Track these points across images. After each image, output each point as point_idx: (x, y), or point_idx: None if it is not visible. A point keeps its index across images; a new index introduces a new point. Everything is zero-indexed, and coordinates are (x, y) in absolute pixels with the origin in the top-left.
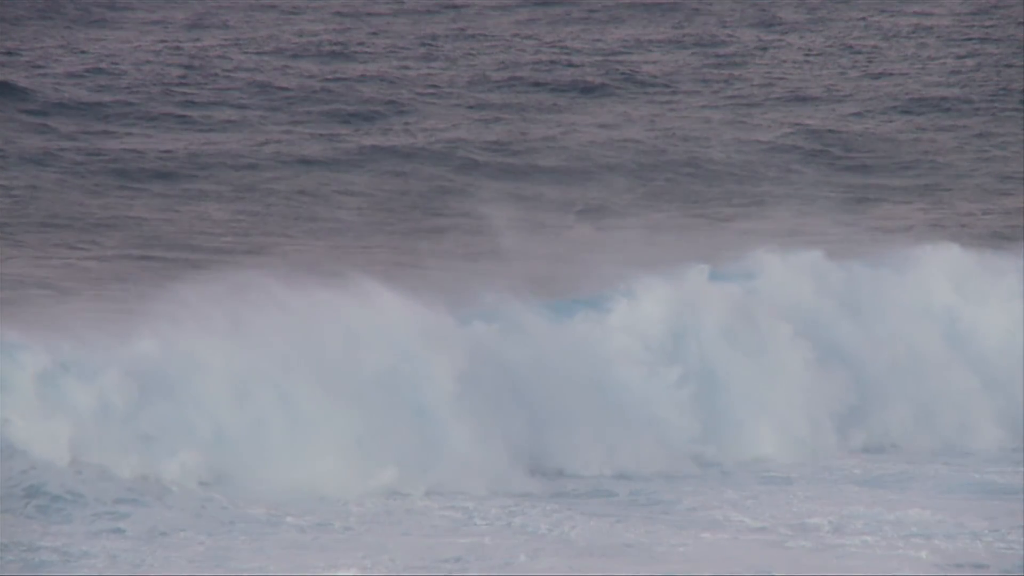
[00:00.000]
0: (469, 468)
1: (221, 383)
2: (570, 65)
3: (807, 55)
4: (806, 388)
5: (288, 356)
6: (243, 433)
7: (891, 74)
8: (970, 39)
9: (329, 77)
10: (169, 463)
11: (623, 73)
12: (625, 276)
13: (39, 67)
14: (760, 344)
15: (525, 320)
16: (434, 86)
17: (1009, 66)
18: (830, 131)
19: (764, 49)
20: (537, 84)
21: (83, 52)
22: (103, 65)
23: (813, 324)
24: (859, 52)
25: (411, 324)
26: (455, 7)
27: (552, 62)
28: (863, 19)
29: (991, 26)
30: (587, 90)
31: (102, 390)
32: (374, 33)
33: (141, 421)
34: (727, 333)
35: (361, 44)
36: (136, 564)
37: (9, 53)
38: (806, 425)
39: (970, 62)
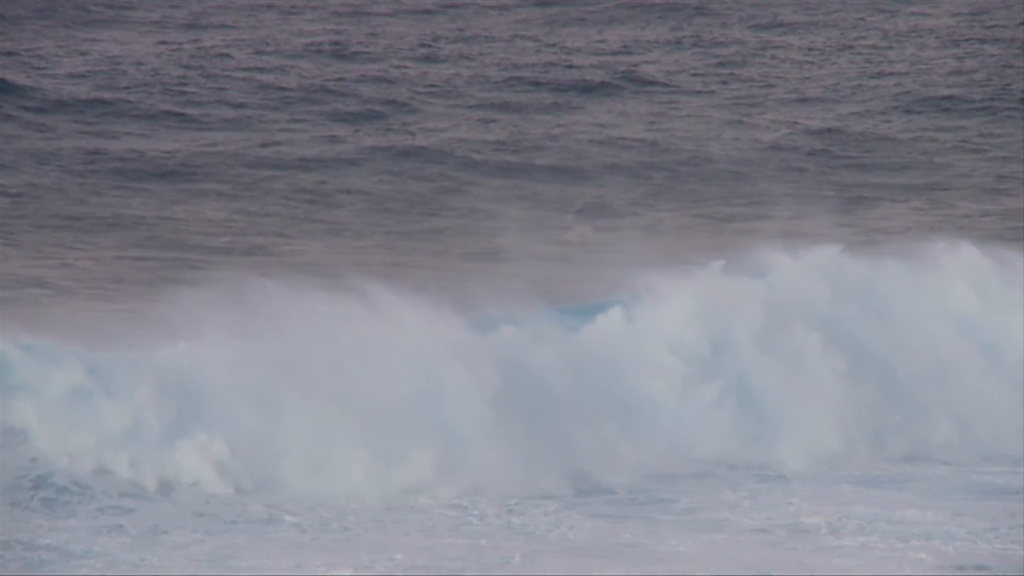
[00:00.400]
0: (502, 475)
1: (245, 396)
2: (570, 65)
3: (807, 55)
4: (834, 394)
5: (311, 367)
6: (267, 446)
7: (891, 74)
8: (970, 39)
9: (329, 77)
10: (194, 472)
11: (623, 73)
12: (639, 278)
13: (38, 66)
14: (784, 345)
15: (548, 330)
16: (434, 86)
17: (1009, 66)
18: (830, 131)
19: (764, 49)
20: (537, 84)
21: (83, 52)
22: (103, 65)
23: (827, 321)
24: (859, 52)
25: (437, 336)
26: (455, 7)
27: (552, 62)
28: (863, 19)
29: (991, 26)
30: (587, 90)
31: (127, 399)
32: (374, 33)
33: (166, 431)
34: (755, 334)
35: (361, 44)
36: (137, 563)
37: (9, 53)
38: (837, 436)
39: (970, 62)
